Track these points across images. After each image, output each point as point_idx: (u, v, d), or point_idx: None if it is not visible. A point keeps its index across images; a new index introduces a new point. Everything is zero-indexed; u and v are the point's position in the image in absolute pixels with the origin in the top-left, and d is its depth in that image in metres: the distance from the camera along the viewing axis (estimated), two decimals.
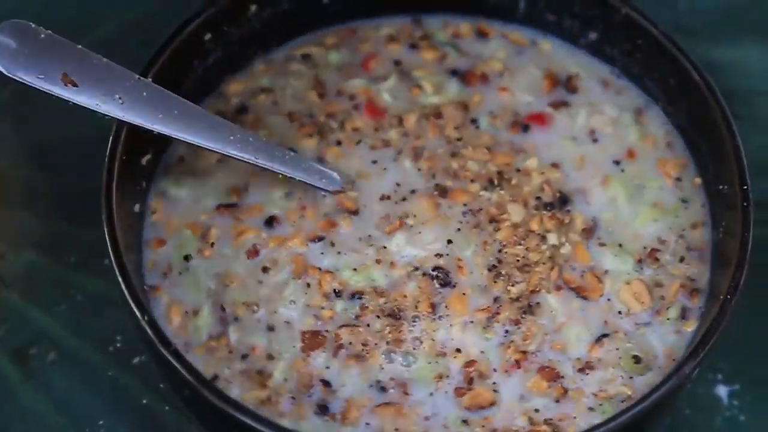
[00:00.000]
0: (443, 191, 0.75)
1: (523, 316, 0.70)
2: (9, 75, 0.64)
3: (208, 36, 0.76)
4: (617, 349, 0.70)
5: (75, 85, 0.65)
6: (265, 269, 0.73)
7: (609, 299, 0.72)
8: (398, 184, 0.76)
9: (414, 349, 0.69)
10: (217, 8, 0.76)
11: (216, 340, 0.70)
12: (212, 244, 0.74)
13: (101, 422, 0.76)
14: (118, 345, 0.79)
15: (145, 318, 0.64)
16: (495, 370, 0.69)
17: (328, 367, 0.69)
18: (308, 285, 0.72)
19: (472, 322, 0.70)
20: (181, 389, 0.65)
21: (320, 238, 0.73)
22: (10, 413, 0.77)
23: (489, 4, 0.83)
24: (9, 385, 0.77)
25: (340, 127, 0.78)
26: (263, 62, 0.82)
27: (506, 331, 0.70)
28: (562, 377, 0.69)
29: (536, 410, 0.68)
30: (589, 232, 0.74)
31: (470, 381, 0.68)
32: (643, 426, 0.66)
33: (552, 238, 0.73)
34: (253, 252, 0.73)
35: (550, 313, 0.71)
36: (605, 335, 0.70)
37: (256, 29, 0.80)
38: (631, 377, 0.69)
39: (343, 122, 0.78)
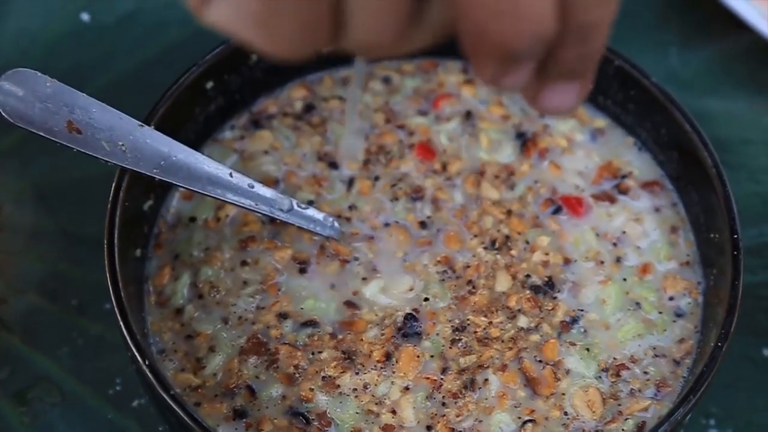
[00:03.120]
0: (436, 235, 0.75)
1: (463, 391, 0.69)
2: (14, 123, 0.64)
3: (209, 84, 0.77)
4: None
5: (79, 133, 0.66)
6: (244, 263, 0.74)
7: (559, 400, 0.69)
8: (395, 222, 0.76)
9: (348, 395, 0.69)
10: (217, 58, 0.76)
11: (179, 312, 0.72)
12: (218, 219, 0.75)
13: None
14: (118, 388, 0.79)
15: (146, 362, 0.64)
16: None
17: (257, 377, 0.69)
18: (266, 301, 0.72)
19: (409, 388, 0.69)
20: None
21: (305, 265, 0.74)
22: None
23: None
24: (9, 428, 0.77)
25: (386, 164, 0.78)
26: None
27: (443, 404, 0.68)
28: None
29: None
30: (566, 327, 0.72)
31: None
32: None
33: (522, 321, 0.71)
34: (245, 242, 0.74)
35: (488, 394, 0.69)
36: (531, 421, 0.68)
37: (257, 77, 0.80)
38: None
39: (391, 160, 0.78)
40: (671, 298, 0.74)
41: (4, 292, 0.83)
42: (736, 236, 0.70)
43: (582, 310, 0.73)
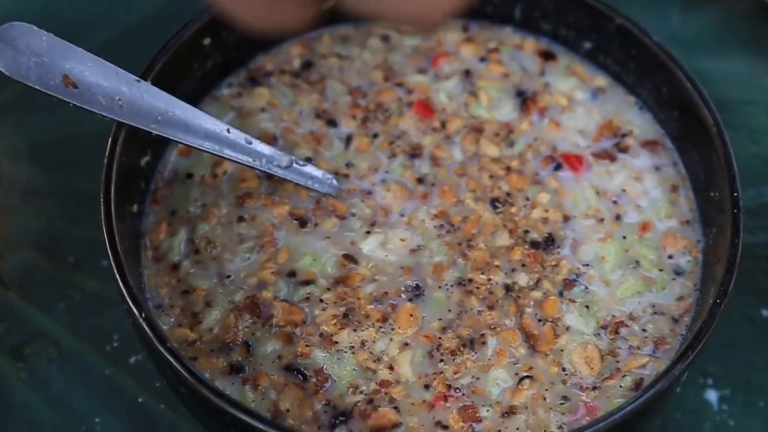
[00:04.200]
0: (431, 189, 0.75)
1: (462, 349, 0.68)
2: (10, 76, 0.63)
3: (207, 40, 0.76)
4: (545, 391, 0.68)
5: (75, 87, 0.65)
6: (240, 219, 0.74)
7: (557, 356, 0.69)
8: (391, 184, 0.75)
9: (345, 352, 0.68)
10: (214, 14, 0.76)
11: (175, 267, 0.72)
12: (215, 176, 0.75)
13: (97, 420, 0.76)
14: (115, 344, 0.79)
15: (143, 316, 0.63)
16: (412, 404, 0.67)
17: (253, 334, 0.69)
18: (262, 257, 0.72)
19: (408, 344, 0.68)
20: (177, 387, 0.65)
21: (303, 222, 0.73)
22: (7, 411, 0.76)
23: (485, 11, 0.83)
24: (6, 383, 0.77)
25: (385, 121, 0.78)
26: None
27: (441, 361, 0.68)
28: (481, 420, 0.66)
29: None
30: (569, 285, 0.71)
31: (370, 401, 0.67)
32: (633, 427, 0.65)
33: (522, 279, 0.71)
34: (243, 198, 0.74)
35: (487, 352, 0.69)
36: (528, 377, 0.68)
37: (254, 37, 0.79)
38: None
39: (390, 118, 0.78)
40: (671, 257, 0.73)
41: (0, 249, 0.83)
42: (736, 194, 0.69)
43: (587, 265, 0.73)
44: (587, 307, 0.71)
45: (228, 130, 0.71)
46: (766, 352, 0.80)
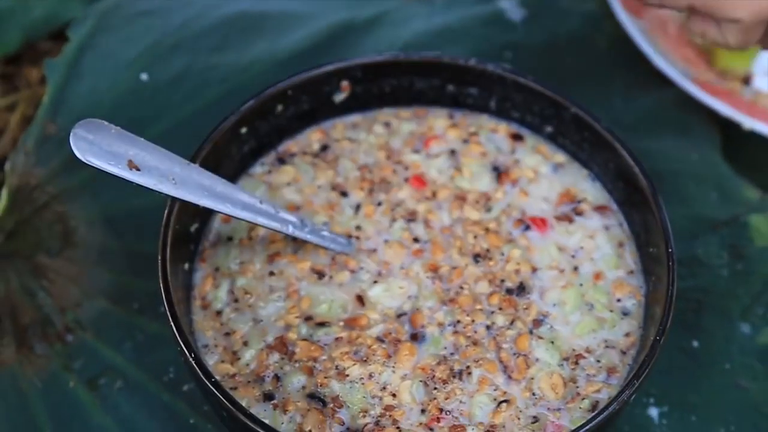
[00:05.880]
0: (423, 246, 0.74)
1: (452, 379, 0.67)
2: (85, 161, 0.63)
3: (243, 129, 0.76)
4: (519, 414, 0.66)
5: (138, 170, 0.64)
6: (271, 273, 0.72)
7: (528, 384, 0.67)
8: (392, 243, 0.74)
9: (356, 383, 0.67)
10: (250, 108, 0.75)
11: (218, 314, 0.71)
12: (251, 238, 0.74)
13: None
14: (171, 375, 0.78)
15: (192, 355, 0.62)
16: (412, 424, 0.66)
17: (282, 368, 0.68)
18: (288, 304, 0.71)
19: (407, 375, 0.67)
20: (219, 412, 0.64)
21: (321, 275, 0.72)
22: (83, 431, 0.76)
23: (467, 102, 0.82)
24: (84, 409, 0.76)
25: (386, 192, 0.77)
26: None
27: (435, 389, 0.67)
28: None
29: None
30: (536, 324, 0.70)
31: (378, 423, 0.65)
32: None
33: (500, 319, 0.70)
34: (272, 257, 0.73)
35: (472, 380, 0.67)
36: (505, 401, 0.66)
37: (283, 124, 0.79)
38: None
39: (391, 189, 0.77)
40: (619, 300, 0.72)
41: (79, 298, 0.82)
42: (670, 250, 0.68)
43: (553, 307, 0.71)
44: (552, 342, 0.69)
45: (260, 202, 0.70)
46: (697, 375, 0.79)
